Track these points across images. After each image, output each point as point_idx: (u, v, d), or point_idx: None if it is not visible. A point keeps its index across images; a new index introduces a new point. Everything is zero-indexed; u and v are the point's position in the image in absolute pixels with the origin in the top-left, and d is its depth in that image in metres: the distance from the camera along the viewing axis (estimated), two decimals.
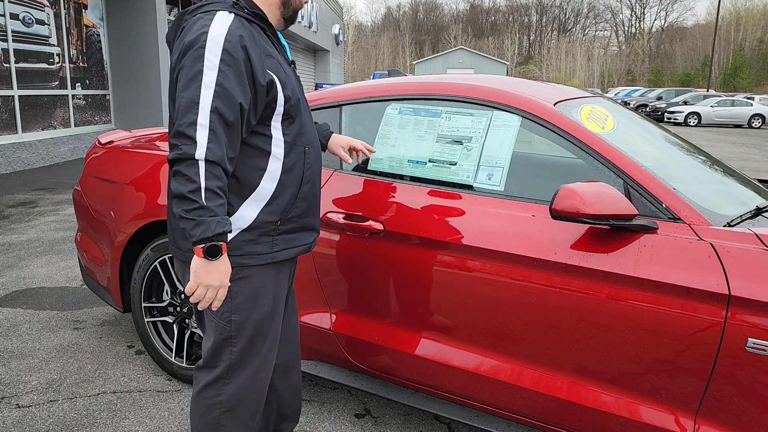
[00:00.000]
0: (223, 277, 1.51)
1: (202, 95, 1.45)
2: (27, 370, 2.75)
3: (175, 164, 1.46)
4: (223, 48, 1.48)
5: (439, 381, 2.09)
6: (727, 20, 75.81)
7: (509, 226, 1.93)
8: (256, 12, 1.63)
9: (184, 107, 1.46)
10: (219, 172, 1.46)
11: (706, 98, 25.97)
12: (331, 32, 28.79)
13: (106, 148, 2.94)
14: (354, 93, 2.42)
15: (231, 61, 1.48)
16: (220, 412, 1.71)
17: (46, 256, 4.46)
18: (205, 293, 1.50)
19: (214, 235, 1.43)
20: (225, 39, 1.49)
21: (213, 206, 1.44)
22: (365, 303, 2.20)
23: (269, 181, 1.64)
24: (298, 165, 1.69)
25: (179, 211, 1.45)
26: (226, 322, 1.67)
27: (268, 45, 1.62)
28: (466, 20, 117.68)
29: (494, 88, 2.17)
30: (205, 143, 1.44)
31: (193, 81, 1.46)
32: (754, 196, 2.15)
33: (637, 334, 1.72)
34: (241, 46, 1.50)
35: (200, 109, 1.45)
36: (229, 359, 1.70)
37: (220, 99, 1.46)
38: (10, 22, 8.34)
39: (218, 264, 1.49)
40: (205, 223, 1.43)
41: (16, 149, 8.36)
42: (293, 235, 1.73)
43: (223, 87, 1.47)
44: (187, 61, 1.49)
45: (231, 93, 1.47)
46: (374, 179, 2.23)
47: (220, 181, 1.46)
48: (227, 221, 1.47)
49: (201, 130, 1.44)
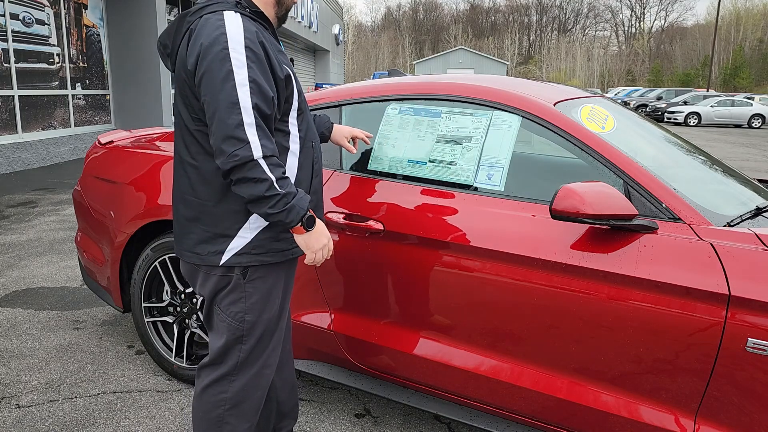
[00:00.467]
0: (325, 232, 1.65)
1: (240, 94, 1.46)
2: (27, 370, 2.75)
3: (234, 172, 1.47)
4: (245, 45, 1.49)
5: (439, 381, 2.09)
6: (727, 20, 75.81)
7: (509, 226, 1.93)
8: (257, 11, 1.64)
9: (224, 109, 1.45)
10: (276, 161, 1.51)
11: (706, 98, 25.97)
12: (331, 32, 28.79)
13: (106, 148, 2.94)
14: (354, 93, 2.42)
15: (255, 57, 1.50)
16: (224, 408, 1.72)
17: (46, 256, 4.46)
18: (323, 254, 1.65)
19: (306, 210, 1.54)
20: (244, 36, 1.50)
21: (289, 189, 1.52)
22: (365, 303, 2.20)
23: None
24: (308, 159, 1.73)
25: (265, 211, 1.50)
26: (239, 322, 1.68)
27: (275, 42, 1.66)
28: (466, 20, 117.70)
29: (494, 88, 2.17)
30: (257, 141, 1.47)
31: (226, 81, 1.46)
32: (754, 196, 2.15)
33: (637, 334, 1.72)
34: (259, 41, 1.53)
35: (242, 108, 1.45)
36: (237, 357, 1.71)
37: (257, 95, 1.48)
38: (10, 22, 8.34)
39: (318, 227, 1.62)
40: (295, 206, 1.52)
41: (16, 149, 8.36)
42: None
43: (256, 83, 1.48)
44: (212, 64, 1.47)
45: (264, 87, 1.50)
46: (374, 179, 2.23)
47: (281, 167, 1.53)
48: (303, 192, 1.57)
49: (250, 130, 1.46)
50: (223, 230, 1.62)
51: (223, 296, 1.68)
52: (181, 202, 1.68)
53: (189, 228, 1.67)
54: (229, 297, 1.67)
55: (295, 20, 20.54)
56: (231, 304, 1.67)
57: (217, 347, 1.71)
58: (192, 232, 1.66)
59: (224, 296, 1.67)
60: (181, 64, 1.58)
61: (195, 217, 1.65)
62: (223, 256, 1.63)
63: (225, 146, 1.45)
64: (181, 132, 1.65)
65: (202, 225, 1.64)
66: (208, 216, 1.63)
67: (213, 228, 1.63)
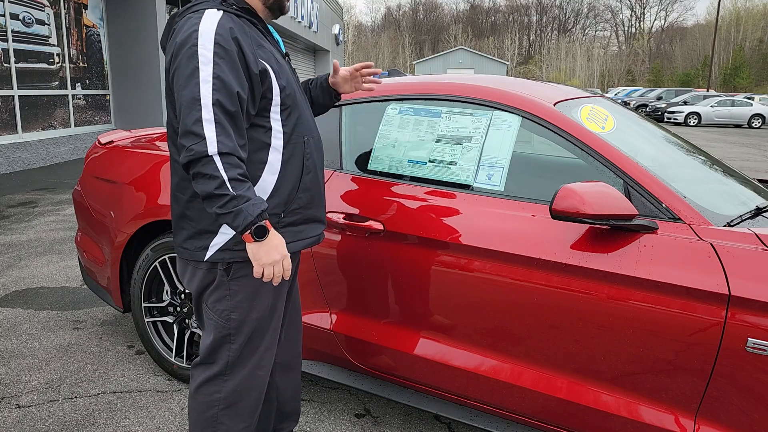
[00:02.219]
0: (281, 249, 1.54)
1: (202, 91, 1.47)
2: (27, 370, 2.75)
3: (191, 166, 1.48)
4: (214, 42, 1.50)
5: (439, 381, 2.09)
6: (727, 20, 75.80)
7: (509, 226, 1.93)
8: (244, 6, 1.65)
9: (186, 106, 1.47)
10: (234, 160, 1.48)
11: (706, 98, 25.96)
12: (331, 32, 28.78)
13: (106, 148, 2.94)
14: (354, 93, 2.42)
15: (224, 53, 1.50)
16: (218, 408, 1.72)
17: (46, 256, 4.46)
18: (272, 271, 1.54)
19: (255, 217, 1.47)
20: (216, 33, 1.51)
21: (243, 192, 1.47)
22: (365, 303, 2.20)
23: (270, 174, 1.65)
24: (297, 155, 1.69)
25: (214, 210, 1.48)
26: (226, 320, 1.68)
27: (259, 37, 1.64)
28: (466, 20, 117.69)
29: (494, 88, 2.17)
30: (215, 137, 1.46)
31: (191, 78, 1.48)
32: (754, 196, 2.15)
33: (637, 334, 1.72)
34: (233, 37, 1.52)
35: (202, 105, 1.46)
36: (227, 356, 1.70)
37: (220, 91, 1.48)
38: (10, 22, 8.34)
39: (271, 240, 1.53)
40: (243, 210, 1.46)
41: (16, 149, 8.36)
42: (299, 227, 1.74)
43: (220, 79, 1.48)
44: (181, 61, 1.51)
45: (228, 83, 1.49)
46: (374, 179, 2.23)
47: (240, 168, 1.49)
48: (260, 199, 1.50)
49: (207, 125, 1.46)
50: (206, 226, 1.64)
51: (209, 293, 1.69)
52: (173, 199, 1.71)
53: (179, 224, 1.69)
54: (214, 294, 1.68)
55: (295, 20, 20.54)
56: (217, 302, 1.68)
57: (206, 345, 1.72)
58: (182, 228, 1.69)
59: (210, 293, 1.69)
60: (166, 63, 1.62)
61: (183, 214, 1.68)
62: (207, 251, 1.64)
63: (184, 141, 1.47)
64: (169, 130, 1.67)
65: (189, 221, 1.67)
66: (193, 212, 1.65)
67: (198, 224, 1.65)
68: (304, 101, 1.77)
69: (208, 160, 1.45)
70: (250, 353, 1.73)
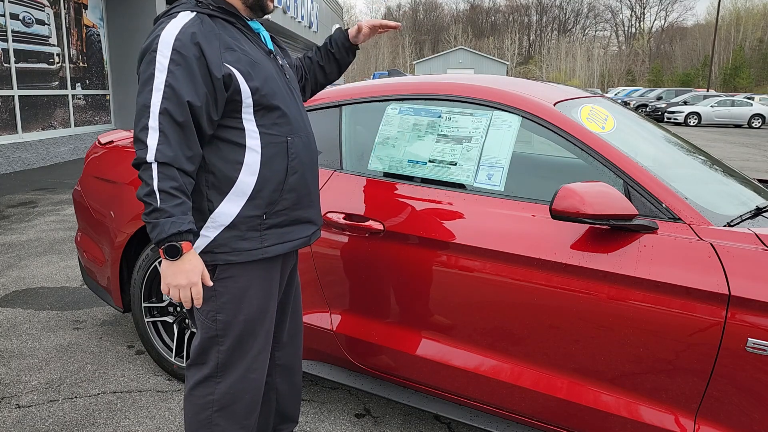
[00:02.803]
0: (190, 276, 1.50)
1: (153, 98, 1.47)
2: (27, 370, 2.75)
3: (138, 170, 1.50)
4: (172, 48, 1.48)
5: (439, 381, 2.09)
6: (727, 20, 75.79)
7: (509, 226, 1.93)
8: (220, 6, 1.61)
9: (138, 112, 1.50)
10: (173, 172, 1.47)
11: (706, 98, 25.96)
12: (331, 32, 28.79)
13: (106, 148, 2.94)
14: (354, 93, 2.42)
15: (180, 60, 1.48)
16: (213, 410, 1.71)
17: (46, 256, 4.46)
18: (178, 294, 1.51)
19: (169, 236, 1.44)
20: (175, 39, 1.49)
21: (167, 207, 1.45)
22: (365, 303, 2.20)
23: (248, 175, 1.61)
24: (279, 156, 1.64)
25: (143, 216, 1.48)
26: (212, 321, 1.67)
27: (233, 38, 1.59)
28: (466, 20, 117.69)
29: (494, 88, 2.17)
30: (155, 145, 1.46)
31: (146, 85, 1.49)
32: (754, 196, 2.15)
33: (637, 334, 1.72)
34: (194, 42, 1.50)
35: (151, 113, 1.47)
36: (217, 358, 1.70)
37: (169, 100, 1.47)
38: (10, 22, 8.34)
39: (181, 263, 1.49)
40: (160, 224, 1.45)
41: (16, 149, 8.36)
42: (285, 229, 1.70)
43: (171, 87, 1.47)
44: (141, 67, 1.53)
45: (179, 93, 1.48)
46: (374, 179, 2.23)
47: (175, 182, 1.47)
48: (183, 221, 1.47)
49: (151, 133, 1.46)
50: None
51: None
52: None
53: None
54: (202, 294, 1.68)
55: (295, 20, 20.53)
56: (203, 303, 1.66)
57: (195, 345, 1.72)
58: None
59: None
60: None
61: None
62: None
63: (134, 145, 1.50)
64: None
65: None
66: None
67: None
68: (292, 99, 1.71)
69: (147, 167, 1.46)
70: (242, 355, 1.72)
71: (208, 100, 1.52)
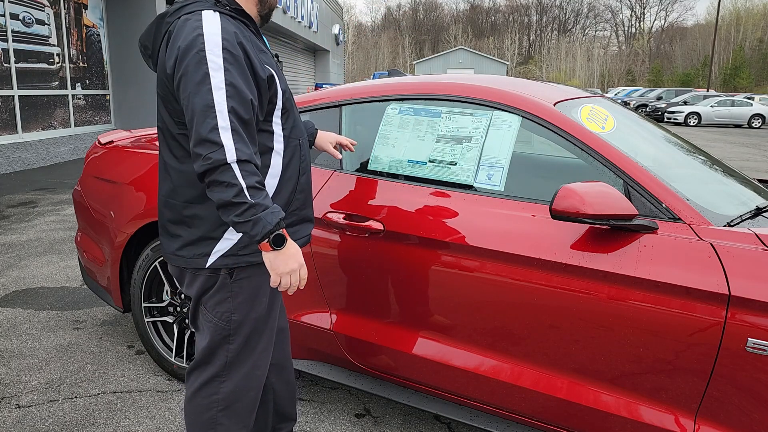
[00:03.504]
0: (298, 258, 1.53)
1: (216, 98, 1.44)
2: (27, 370, 2.75)
3: (207, 175, 1.45)
4: (222, 47, 1.46)
5: (439, 381, 2.09)
6: (727, 20, 75.77)
7: (509, 226, 1.93)
8: (238, 8, 1.61)
9: (200, 113, 1.44)
10: (252, 168, 1.47)
11: (706, 98, 25.96)
12: (331, 32, 28.78)
13: (106, 148, 2.94)
14: (354, 93, 2.42)
15: (233, 59, 1.47)
16: (217, 410, 1.71)
17: (46, 256, 4.46)
18: (290, 280, 1.53)
19: (274, 226, 1.46)
20: (222, 38, 1.47)
21: (261, 201, 1.45)
22: (365, 303, 2.20)
23: (272, 178, 1.65)
24: (295, 158, 1.71)
25: (231, 218, 1.45)
26: (226, 322, 1.67)
27: (256, 41, 1.62)
28: (466, 20, 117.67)
29: (494, 88, 2.17)
30: (232, 145, 1.43)
31: (202, 85, 1.44)
32: (754, 196, 2.15)
33: (637, 334, 1.72)
34: (238, 42, 1.50)
35: (218, 112, 1.43)
36: (225, 357, 1.70)
37: (234, 99, 1.45)
38: (10, 22, 8.34)
39: (288, 249, 1.51)
40: (262, 218, 1.44)
41: (16, 149, 8.36)
42: (294, 228, 1.75)
43: (233, 86, 1.46)
44: (189, 67, 1.46)
45: (241, 90, 1.47)
46: (374, 179, 2.23)
47: (257, 176, 1.47)
48: (277, 207, 1.49)
49: (224, 133, 1.43)
50: (208, 232, 1.61)
51: (209, 296, 1.67)
52: (165, 206, 1.67)
53: (174, 231, 1.66)
54: (215, 297, 1.66)
55: (295, 20, 20.53)
56: (217, 304, 1.66)
57: (203, 347, 1.70)
58: (176, 235, 1.65)
59: (210, 296, 1.66)
60: (161, 66, 1.57)
61: (179, 221, 1.64)
62: (209, 258, 1.61)
63: (200, 149, 1.44)
64: (164, 135, 1.63)
65: (188, 227, 1.63)
66: (193, 219, 1.62)
67: (198, 231, 1.61)
68: (294, 105, 1.77)
69: (226, 168, 1.42)
70: (249, 353, 1.72)
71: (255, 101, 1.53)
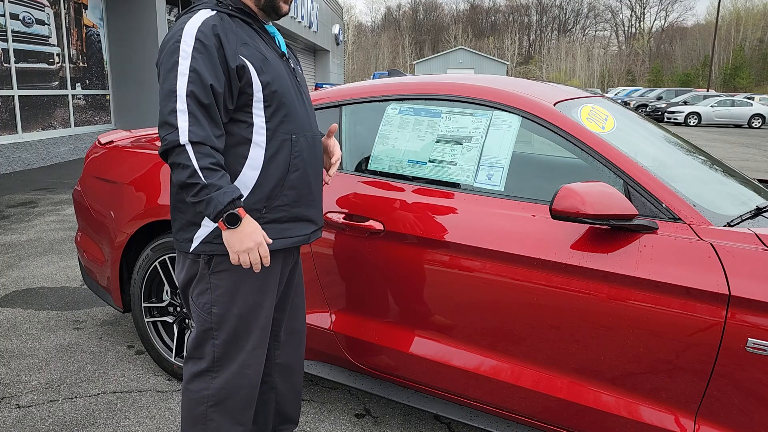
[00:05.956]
0: (254, 236, 1.56)
1: (179, 83, 1.52)
2: (27, 370, 2.75)
3: (167, 156, 1.54)
4: (195, 38, 1.55)
5: (439, 381, 2.09)
6: (727, 20, 75.76)
7: (509, 226, 1.93)
8: (238, 7, 1.68)
9: (163, 98, 1.54)
10: (207, 150, 1.52)
11: (706, 98, 25.96)
12: (331, 32, 28.79)
13: (106, 148, 2.94)
14: (354, 93, 2.42)
15: (202, 48, 1.54)
16: (207, 405, 1.74)
17: (46, 256, 4.46)
18: (248, 258, 1.56)
19: (226, 205, 1.50)
20: (198, 30, 1.56)
21: (214, 181, 1.51)
22: (365, 303, 2.20)
23: (251, 169, 1.66)
24: (282, 153, 1.69)
25: (189, 199, 1.53)
26: (207, 314, 1.71)
27: (249, 36, 1.65)
28: (466, 20, 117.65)
29: (494, 88, 2.17)
30: (187, 127, 1.51)
31: (170, 72, 1.54)
32: (754, 196, 2.15)
33: (637, 334, 1.72)
34: (214, 34, 1.57)
35: (177, 96, 1.52)
36: (213, 352, 1.73)
37: (194, 83, 1.52)
38: (10, 22, 8.34)
39: (243, 228, 1.55)
40: (213, 198, 1.50)
41: (16, 149, 8.36)
42: (285, 225, 1.73)
43: (196, 71, 1.52)
44: (164, 56, 1.57)
45: (203, 75, 1.53)
46: (374, 179, 2.23)
47: (213, 158, 1.53)
48: (233, 188, 1.53)
49: (181, 116, 1.51)
50: (192, 218, 1.69)
51: (193, 286, 1.74)
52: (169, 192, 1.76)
53: (173, 216, 1.76)
54: (198, 287, 1.72)
55: (295, 20, 20.54)
56: (199, 295, 1.72)
57: (192, 338, 1.76)
58: (175, 219, 1.75)
59: (194, 286, 1.74)
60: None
61: (174, 206, 1.74)
62: (192, 243, 1.69)
63: (160, 131, 1.54)
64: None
65: (179, 213, 1.72)
66: (182, 204, 1.70)
67: (185, 216, 1.70)
68: (300, 101, 1.76)
69: (181, 150, 1.50)
70: (237, 351, 1.74)
71: (225, 87, 1.57)
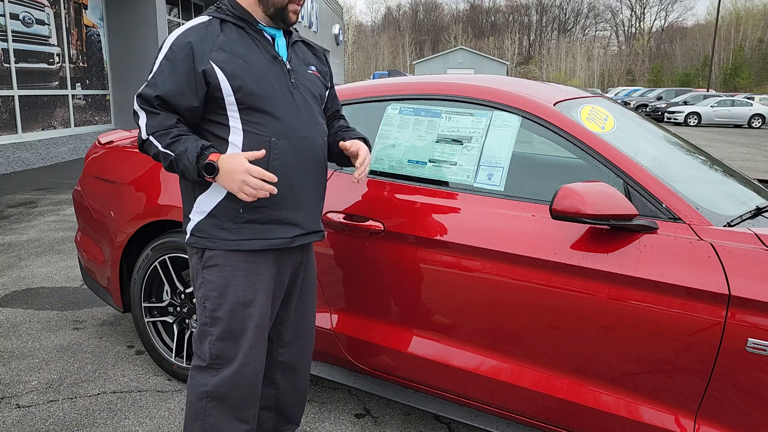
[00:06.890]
0: (236, 168, 1.59)
1: (142, 87, 1.66)
2: (27, 370, 2.75)
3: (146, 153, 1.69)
4: (169, 47, 1.65)
5: (440, 381, 2.09)
6: (727, 20, 75.74)
7: (509, 226, 1.93)
8: (235, 13, 1.72)
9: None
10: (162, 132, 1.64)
11: (706, 98, 25.95)
12: (331, 32, 28.79)
13: (106, 148, 2.94)
14: (354, 93, 2.42)
15: (171, 56, 1.65)
16: (206, 401, 1.78)
17: (46, 256, 4.46)
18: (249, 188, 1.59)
19: (197, 158, 1.60)
20: (175, 40, 1.66)
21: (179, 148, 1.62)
22: (365, 303, 2.20)
23: None
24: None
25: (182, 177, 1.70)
26: (202, 308, 1.77)
27: (234, 42, 1.68)
28: (466, 20, 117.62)
29: (494, 88, 2.17)
30: (144, 124, 1.65)
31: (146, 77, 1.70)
32: (754, 196, 2.15)
33: (637, 334, 1.72)
34: (186, 42, 1.64)
35: (137, 98, 1.67)
36: (209, 349, 1.76)
37: (151, 87, 1.65)
38: (10, 22, 8.34)
39: (223, 168, 1.60)
40: (183, 158, 1.61)
41: (16, 149, 8.36)
42: (264, 226, 1.72)
43: (155, 79, 1.65)
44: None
45: (161, 80, 1.64)
46: (374, 179, 2.24)
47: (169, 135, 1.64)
48: (193, 144, 1.62)
49: (141, 115, 1.66)
50: (186, 211, 1.79)
51: (194, 279, 1.81)
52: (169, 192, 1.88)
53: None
54: (196, 281, 1.79)
55: None
56: (197, 290, 1.79)
57: (195, 335, 1.83)
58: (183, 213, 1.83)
59: (194, 279, 1.80)
60: None
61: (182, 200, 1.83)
62: (187, 234, 1.78)
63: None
64: None
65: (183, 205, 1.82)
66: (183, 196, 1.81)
67: (184, 208, 1.81)
68: (292, 103, 1.72)
69: (148, 143, 1.65)
70: (233, 349, 1.76)
71: (186, 90, 1.64)
